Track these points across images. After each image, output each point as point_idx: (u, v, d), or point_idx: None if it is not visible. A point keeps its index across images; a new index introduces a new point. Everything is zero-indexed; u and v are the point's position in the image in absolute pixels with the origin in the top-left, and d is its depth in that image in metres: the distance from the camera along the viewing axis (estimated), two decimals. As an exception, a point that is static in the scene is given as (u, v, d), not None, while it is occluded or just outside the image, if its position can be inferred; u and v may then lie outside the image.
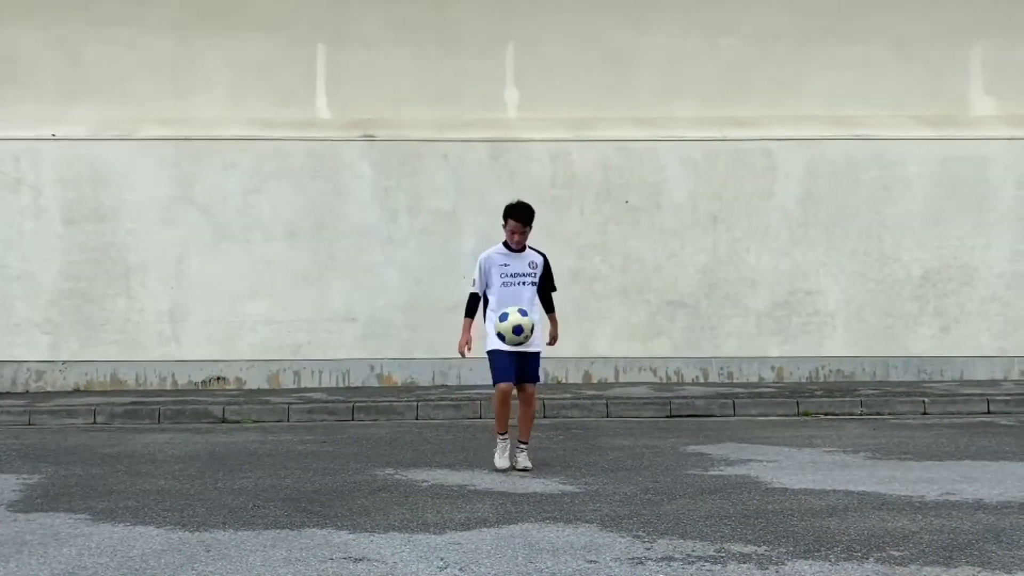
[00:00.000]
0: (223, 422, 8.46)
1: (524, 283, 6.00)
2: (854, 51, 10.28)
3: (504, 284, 5.97)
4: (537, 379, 6.04)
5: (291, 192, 10.21)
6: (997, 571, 3.77)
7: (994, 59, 10.36)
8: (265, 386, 10.10)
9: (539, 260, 6.10)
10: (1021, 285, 10.24)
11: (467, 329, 6.06)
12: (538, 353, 6.01)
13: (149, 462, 6.46)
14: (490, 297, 6.03)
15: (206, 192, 10.19)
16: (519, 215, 6.04)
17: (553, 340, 6.18)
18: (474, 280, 6.10)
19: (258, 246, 10.17)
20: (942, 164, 10.32)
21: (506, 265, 6.02)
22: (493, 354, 5.91)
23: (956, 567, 3.83)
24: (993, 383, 9.84)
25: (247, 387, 10.10)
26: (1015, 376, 10.15)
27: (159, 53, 10.24)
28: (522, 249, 6.05)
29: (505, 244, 6.09)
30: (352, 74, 10.28)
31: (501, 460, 6.01)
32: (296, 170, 10.22)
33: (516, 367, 5.91)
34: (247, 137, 10.17)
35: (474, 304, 6.11)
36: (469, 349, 6.04)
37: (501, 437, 6.05)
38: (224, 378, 10.14)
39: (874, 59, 10.31)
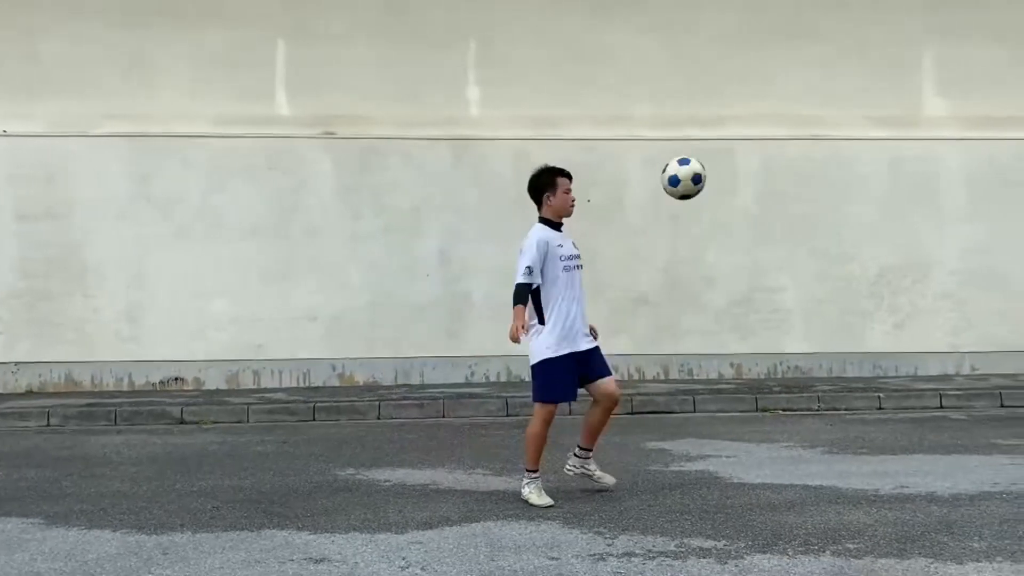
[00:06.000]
0: (181, 423, 8.35)
1: (580, 267, 4.95)
2: (811, 51, 10.42)
3: (565, 269, 4.82)
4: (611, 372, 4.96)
5: (251, 189, 10.09)
6: (949, 562, 3.86)
7: (945, 62, 10.57)
8: (224, 386, 9.97)
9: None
10: (972, 282, 10.47)
11: (521, 315, 4.71)
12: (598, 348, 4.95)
13: (105, 464, 6.35)
14: (542, 290, 4.82)
15: (165, 189, 10.03)
16: (568, 173, 4.98)
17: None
18: (529, 269, 4.73)
19: (218, 244, 10.04)
20: (897, 163, 10.52)
21: (561, 246, 4.84)
22: (546, 365, 4.81)
23: (909, 559, 3.91)
24: (945, 378, 10.05)
25: (206, 387, 9.97)
26: (966, 371, 10.39)
27: (116, 47, 10.05)
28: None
29: (546, 221, 4.93)
30: (312, 71, 10.19)
31: (541, 497, 4.90)
32: (257, 167, 10.11)
33: (577, 377, 4.86)
34: (206, 134, 10.03)
35: (526, 295, 4.79)
36: (526, 332, 4.78)
37: (533, 475, 4.96)
38: (182, 378, 9.99)
39: (831, 59, 10.46)
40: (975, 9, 10.53)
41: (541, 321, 4.88)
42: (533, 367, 4.92)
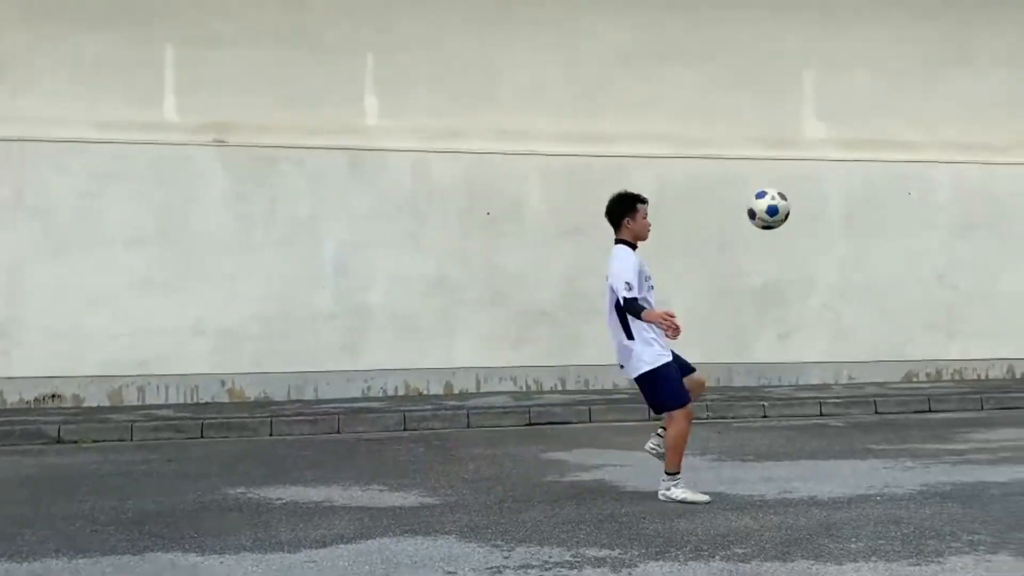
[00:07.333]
0: (58, 442, 7.90)
1: (654, 286, 5.40)
2: (699, 73, 10.78)
3: (649, 289, 5.29)
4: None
5: (136, 197, 9.68)
6: (829, 563, 4.04)
7: (824, 87, 11.10)
8: (106, 403, 9.51)
9: None
10: (850, 295, 11.04)
11: (654, 315, 5.01)
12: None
13: (-29, 488, 5.95)
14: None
15: (40, 196, 9.51)
16: (645, 199, 5.50)
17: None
18: (629, 285, 5.12)
19: (99, 254, 9.58)
20: (779, 182, 10.81)
21: (643, 270, 5.31)
22: (665, 370, 5.07)
23: (793, 561, 4.07)
24: (825, 387, 10.55)
25: (86, 404, 9.48)
26: (844, 380, 10.93)
27: (-14, 46, 9.50)
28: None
29: (624, 242, 5.46)
30: (203, 76, 9.86)
31: (696, 494, 5.15)
32: (142, 174, 9.71)
33: None
34: (86, 139, 9.57)
35: (639, 306, 5.08)
36: (670, 315, 4.99)
37: (678, 477, 5.21)
38: (60, 395, 9.47)
39: (717, 82, 10.84)
40: (853, 38, 11.13)
41: (629, 337, 5.17)
42: (648, 375, 5.13)
